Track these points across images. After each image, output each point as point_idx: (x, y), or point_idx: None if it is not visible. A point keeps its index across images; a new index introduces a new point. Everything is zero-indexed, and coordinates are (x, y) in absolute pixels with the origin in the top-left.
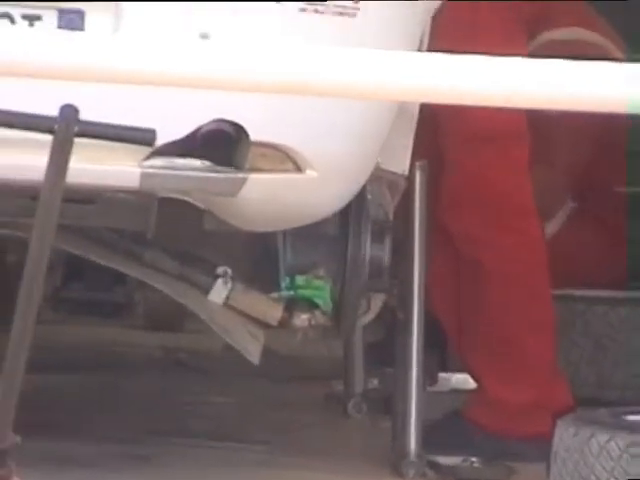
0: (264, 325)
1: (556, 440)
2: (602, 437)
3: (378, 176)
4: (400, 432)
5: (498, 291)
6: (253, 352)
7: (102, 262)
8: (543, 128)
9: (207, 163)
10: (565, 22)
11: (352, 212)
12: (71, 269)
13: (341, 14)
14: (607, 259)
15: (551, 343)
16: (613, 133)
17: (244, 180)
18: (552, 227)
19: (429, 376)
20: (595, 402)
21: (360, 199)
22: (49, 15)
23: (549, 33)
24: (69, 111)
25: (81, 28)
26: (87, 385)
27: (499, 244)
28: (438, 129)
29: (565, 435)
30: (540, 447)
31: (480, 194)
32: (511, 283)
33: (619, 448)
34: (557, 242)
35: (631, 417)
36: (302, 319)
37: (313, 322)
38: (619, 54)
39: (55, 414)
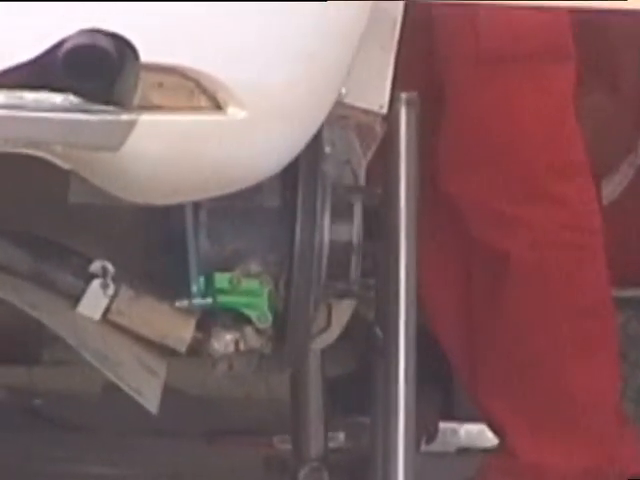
0: (166, 352)
1: None
2: None
3: (341, 116)
4: None
5: (529, 294)
6: (149, 394)
7: None
8: (599, 39)
9: (73, 98)
10: None
11: (301, 174)
12: None
13: None
14: None
15: (613, 374)
16: None
17: (132, 124)
18: (613, 188)
19: (425, 428)
20: None
21: (313, 153)
22: None
23: None
24: None
25: None
26: None
27: (531, 222)
28: (435, 48)
29: None
30: None
31: (501, 144)
32: (549, 282)
33: None
34: (620, 212)
35: None
36: (225, 341)
37: (242, 346)
38: None
39: None
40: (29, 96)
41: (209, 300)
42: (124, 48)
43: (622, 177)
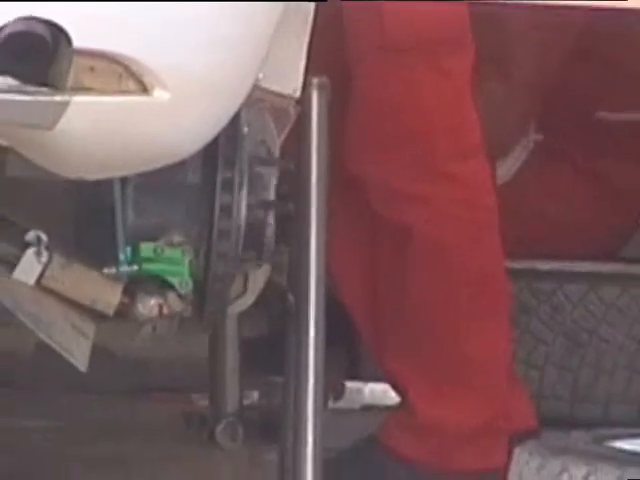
0: (95, 315)
1: (513, 475)
2: (578, 471)
3: (258, 99)
4: (291, 469)
5: (430, 265)
6: (79, 354)
7: None
8: (494, 28)
9: (10, 81)
10: None
11: (221, 152)
12: None
13: None
14: (586, 216)
15: (505, 338)
16: (599, 37)
17: (64, 105)
18: (507, 169)
19: (333, 387)
20: (568, 422)
21: (232, 133)
22: None
23: None
24: None
25: None
26: None
27: (431, 198)
28: (344, 35)
29: (526, 470)
30: None
31: (404, 127)
32: (443, 253)
33: None
34: (513, 191)
35: (618, 443)
36: (149, 306)
37: (165, 310)
38: None
39: None
40: None
41: (135, 268)
42: (58, 34)
43: (515, 159)
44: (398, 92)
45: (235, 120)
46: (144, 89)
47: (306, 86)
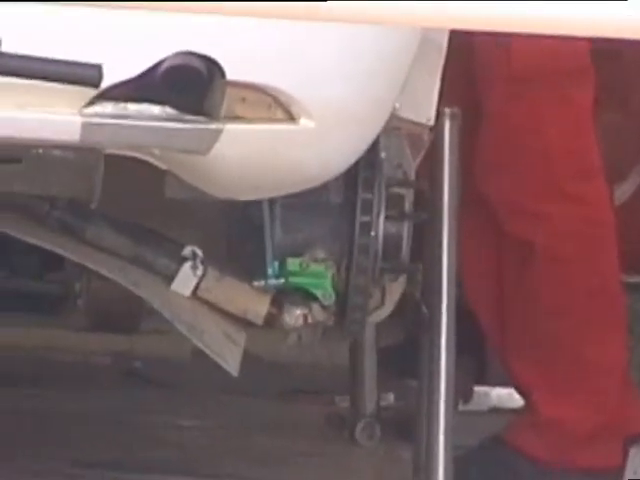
0: (246, 324)
1: (629, 473)
2: None
3: (395, 127)
4: (424, 465)
5: (552, 278)
6: (231, 360)
7: (31, 241)
8: (613, 61)
9: (170, 110)
10: None
11: (361, 175)
12: None
13: None
14: None
15: (621, 347)
16: None
17: (218, 132)
18: (623, 191)
19: (462, 390)
20: None
21: (371, 157)
22: None
23: None
24: None
25: None
26: (13, 402)
27: (553, 217)
28: (474, 68)
29: None
30: None
31: (529, 151)
32: (566, 267)
33: None
34: (630, 211)
35: None
36: (295, 316)
37: (309, 319)
38: None
39: None
40: (132, 107)
41: (282, 281)
42: (212, 68)
43: (631, 183)
44: (524, 120)
45: (374, 146)
46: (291, 118)
47: (439, 115)
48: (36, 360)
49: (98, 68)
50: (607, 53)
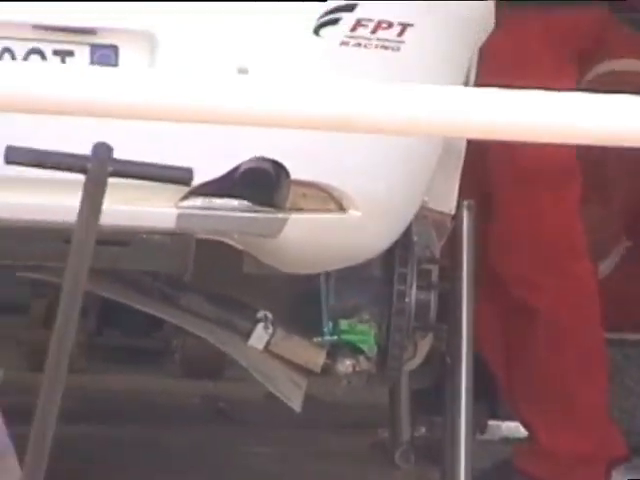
0: (306, 371)
1: None
2: None
3: (424, 216)
4: None
5: (547, 335)
6: (295, 400)
7: (138, 307)
8: (595, 164)
9: (246, 203)
10: (623, 53)
11: (397, 253)
12: (106, 314)
13: (384, 47)
14: None
15: (604, 390)
16: None
17: (285, 221)
18: (605, 267)
19: (478, 424)
20: None
21: (405, 239)
22: (81, 51)
23: (608, 64)
24: (102, 149)
25: (115, 64)
26: (122, 436)
27: (549, 287)
28: (486, 168)
29: None
30: None
31: (530, 236)
32: (561, 327)
33: None
34: (610, 283)
35: None
36: (346, 365)
37: (357, 368)
38: None
39: (87, 466)
40: (217, 201)
41: (335, 337)
42: (280, 170)
43: (611, 261)
44: (526, 212)
45: (407, 231)
46: (342, 209)
47: (459, 206)
48: (140, 401)
49: (189, 171)
50: (591, 156)
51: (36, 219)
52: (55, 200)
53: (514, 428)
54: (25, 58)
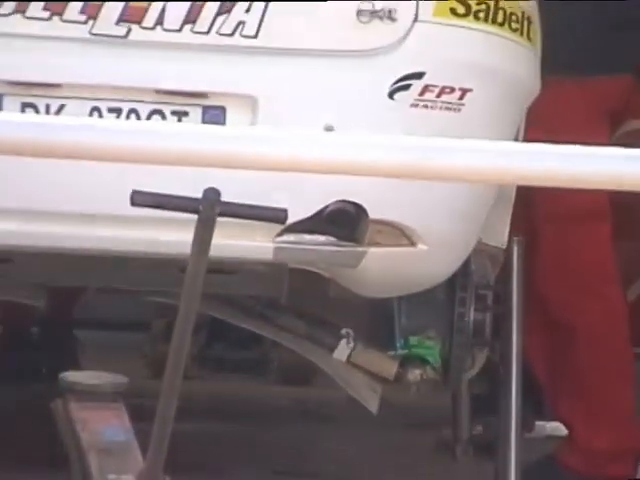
0: (381, 379)
1: None
2: None
3: (480, 249)
4: (502, 475)
5: (585, 348)
6: (372, 403)
7: (241, 325)
8: (625, 205)
9: (331, 238)
10: None
11: (458, 280)
12: (214, 331)
13: (447, 109)
14: None
15: (632, 394)
16: None
17: (364, 253)
18: (633, 293)
19: (527, 424)
20: None
21: (465, 269)
22: (195, 111)
23: (632, 123)
24: (212, 193)
25: (223, 122)
26: (226, 433)
27: (586, 308)
28: (531, 209)
29: None
30: None
31: (570, 266)
32: (597, 342)
33: None
34: (637, 306)
35: None
36: (415, 374)
37: (424, 377)
38: None
39: (200, 457)
40: (307, 237)
41: (406, 351)
42: (360, 211)
43: (637, 287)
44: (566, 245)
45: (467, 262)
46: (412, 244)
47: (509, 242)
48: (242, 403)
49: (284, 211)
50: (619, 200)
51: (157, 252)
52: (172, 236)
53: (556, 427)
54: (148, 118)
